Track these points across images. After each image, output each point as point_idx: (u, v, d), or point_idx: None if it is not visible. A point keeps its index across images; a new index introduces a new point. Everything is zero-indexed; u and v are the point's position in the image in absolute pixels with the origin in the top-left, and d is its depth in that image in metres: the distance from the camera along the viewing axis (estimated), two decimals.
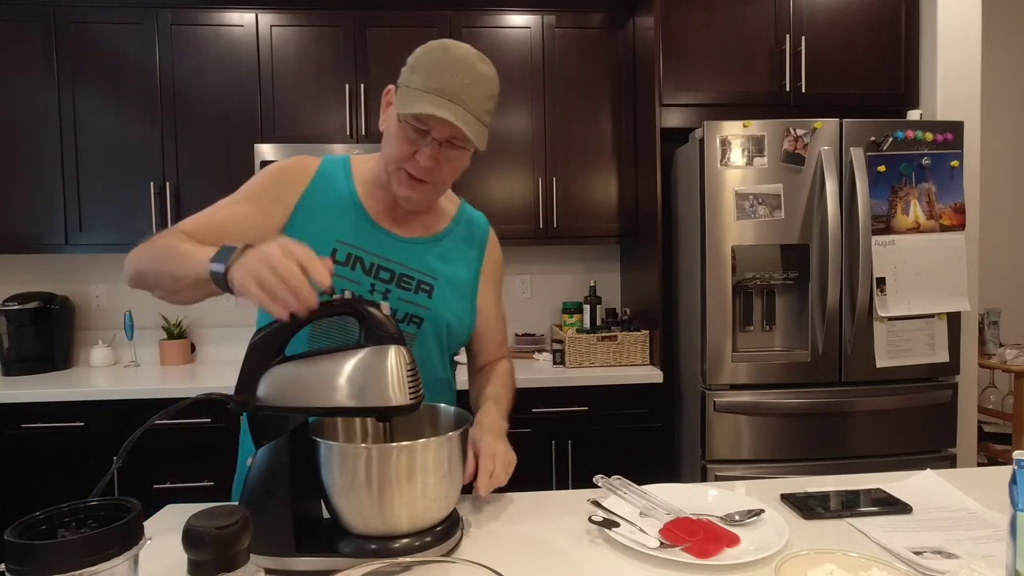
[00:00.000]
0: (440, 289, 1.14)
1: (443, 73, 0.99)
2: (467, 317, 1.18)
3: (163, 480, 2.34)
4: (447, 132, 1.00)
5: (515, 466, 1.07)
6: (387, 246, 1.12)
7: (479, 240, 1.24)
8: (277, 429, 0.84)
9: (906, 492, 1.05)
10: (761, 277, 2.25)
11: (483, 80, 1.01)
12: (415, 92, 0.99)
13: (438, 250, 1.17)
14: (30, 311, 2.67)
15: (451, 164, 1.06)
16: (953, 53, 2.46)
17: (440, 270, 1.15)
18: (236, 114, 2.61)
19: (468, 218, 1.24)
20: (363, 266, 1.10)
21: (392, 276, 1.11)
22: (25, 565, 0.58)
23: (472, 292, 1.20)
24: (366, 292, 1.08)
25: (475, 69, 1.00)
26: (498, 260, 1.27)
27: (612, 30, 2.73)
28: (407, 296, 1.11)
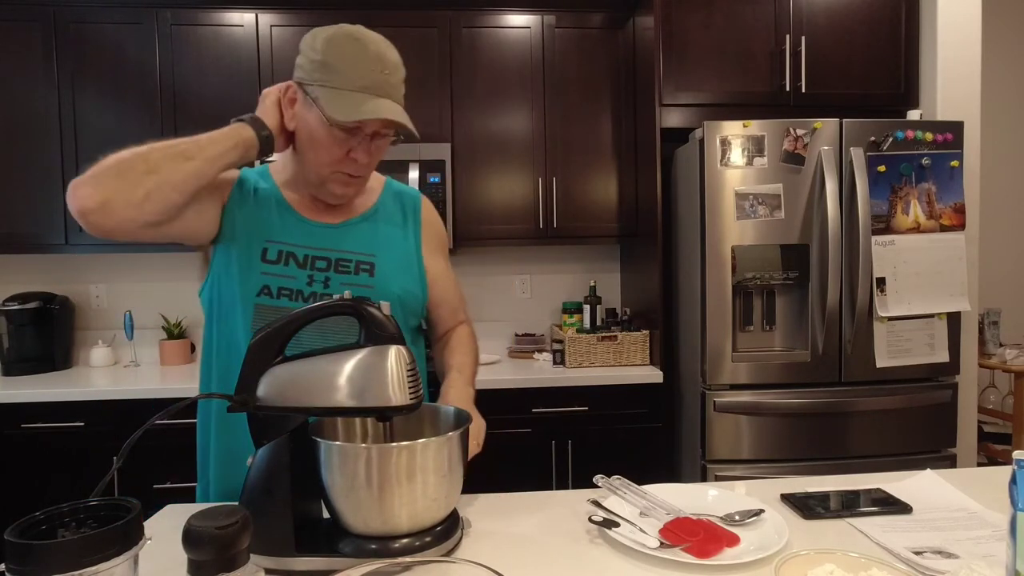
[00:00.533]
0: (381, 264, 1.13)
1: (363, 68, 1.00)
2: (415, 286, 1.18)
3: (163, 480, 2.34)
4: (377, 126, 1.03)
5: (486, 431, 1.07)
6: (317, 235, 1.12)
7: (412, 208, 1.22)
8: (277, 429, 0.84)
9: (906, 492, 1.05)
10: (761, 277, 2.25)
11: (397, 66, 1.04)
12: (342, 93, 0.99)
13: (370, 226, 1.16)
14: (30, 311, 2.67)
15: (379, 152, 1.09)
16: (953, 53, 2.46)
17: (377, 245, 1.14)
18: (236, 114, 2.59)
19: (396, 191, 1.24)
20: (296, 260, 1.09)
21: (329, 263, 1.10)
22: (25, 565, 0.58)
23: (416, 260, 1.19)
24: (304, 285, 1.08)
25: (389, 57, 1.03)
26: (436, 226, 1.26)
27: (612, 30, 2.73)
28: (348, 279, 1.10)
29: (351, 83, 0.99)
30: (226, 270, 1.09)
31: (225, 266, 1.09)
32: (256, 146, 1.04)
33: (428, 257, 1.21)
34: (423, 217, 1.23)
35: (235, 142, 1.02)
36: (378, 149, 1.07)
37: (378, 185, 1.23)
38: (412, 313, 1.19)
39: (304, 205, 1.14)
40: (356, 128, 1.02)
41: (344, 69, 1.00)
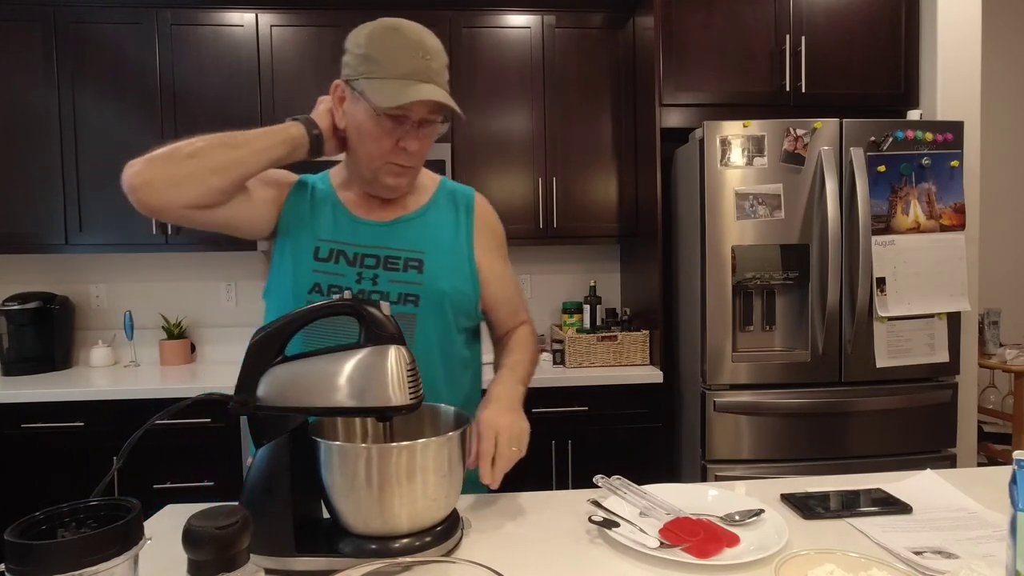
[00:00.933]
0: (430, 262, 1.12)
1: (404, 56, 1.01)
2: (465, 285, 1.15)
3: (163, 480, 2.34)
4: (424, 112, 1.03)
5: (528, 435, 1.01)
6: (368, 234, 1.12)
7: (464, 206, 1.20)
8: (277, 429, 0.84)
9: (906, 492, 1.05)
10: (761, 277, 2.25)
11: (438, 51, 1.04)
12: (385, 82, 1.00)
13: (421, 224, 1.16)
14: (30, 311, 2.67)
15: (429, 139, 1.09)
16: (953, 53, 2.46)
17: (426, 243, 1.14)
18: (236, 114, 2.61)
19: (450, 189, 1.23)
20: (347, 258, 1.10)
21: (378, 261, 1.11)
22: (25, 565, 0.58)
23: (467, 258, 1.17)
24: (353, 282, 1.09)
25: (429, 44, 1.03)
26: (492, 225, 1.24)
27: (612, 30, 2.73)
28: (397, 276, 1.10)
29: (394, 71, 1.00)
30: (280, 268, 1.12)
31: (280, 264, 1.12)
32: (306, 144, 1.06)
33: (481, 255, 1.18)
34: (476, 215, 1.21)
35: (283, 138, 1.04)
36: (427, 137, 1.07)
37: (432, 184, 1.22)
38: (464, 313, 1.16)
39: (357, 204, 1.15)
40: (403, 116, 1.02)
41: (386, 59, 1.01)
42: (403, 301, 1.09)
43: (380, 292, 1.09)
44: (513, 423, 1.01)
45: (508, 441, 0.97)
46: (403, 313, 1.08)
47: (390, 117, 1.02)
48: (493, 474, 0.96)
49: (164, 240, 2.61)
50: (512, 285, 1.25)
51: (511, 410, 1.04)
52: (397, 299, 1.09)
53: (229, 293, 2.98)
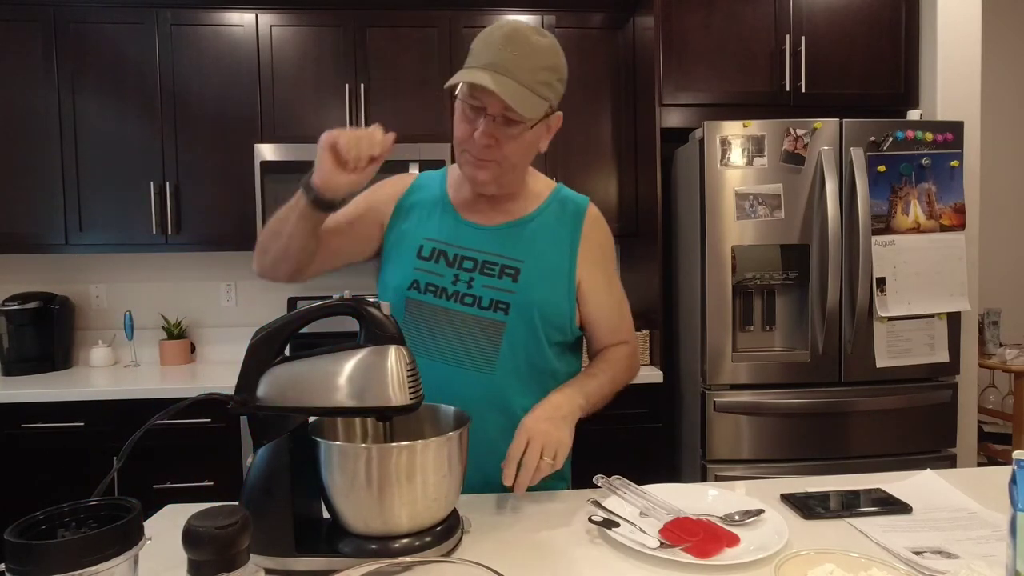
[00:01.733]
0: (527, 272, 1.10)
1: (491, 48, 1.00)
2: (561, 299, 1.12)
3: (163, 480, 2.34)
4: (500, 107, 1.00)
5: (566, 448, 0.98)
6: (471, 236, 1.13)
7: (572, 219, 1.16)
8: (277, 429, 0.84)
9: (906, 492, 1.04)
10: (761, 277, 2.25)
11: (534, 50, 1.00)
12: (465, 70, 1.01)
13: (524, 232, 1.13)
14: (30, 311, 2.67)
15: (513, 142, 1.04)
16: (953, 53, 2.46)
17: (527, 252, 1.11)
18: (236, 114, 2.61)
19: (563, 199, 1.19)
20: (447, 259, 1.11)
21: (475, 264, 1.11)
22: (25, 565, 0.58)
23: (566, 273, 1.13)
24: (449, 283, 1.10)
25: (525, 40, 1.00)
26: (601, 241, 1.19)
27: (612, 30, 2.73)
28: (491, 282, 1.09)
29: (476, 61, 1.01)
30: (387, 264, 1.16)
31: (387, 260, 1.16)
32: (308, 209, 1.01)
33: (583, 270, 1.14)
34: (585, 227, 1.16)
35: (299, 213, 1.02)
36: (508, 138, 1.03)
37: (545, 190, 1.20)
38: (555, 327, 1.13)
39: (466, 206, 1.16)
40: (481, 107, 1.01)
41: (476, 50, 1.02)
42: (494, 308, 1.09)
43: (473, 296, 1.09)
44: (551, 431, 0.98)
45: (538, 448, 0.96)
46: (493, 320, 1.08)
47: (471, 107, 1.02)
48: (517, 480, 0.95)
49: (164, 240, 2.61)
50: (615, 303, 1.21)
51: (556, 419, 1.01)
52: (488, 305, 1.09)
53: (229, 293, 2.98)
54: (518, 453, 0.96)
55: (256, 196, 2.52)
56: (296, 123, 2.63)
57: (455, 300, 1.09)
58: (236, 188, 2.61)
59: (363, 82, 2.63)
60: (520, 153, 1.07)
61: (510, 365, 1.09)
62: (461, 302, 1.09)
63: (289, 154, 2.53)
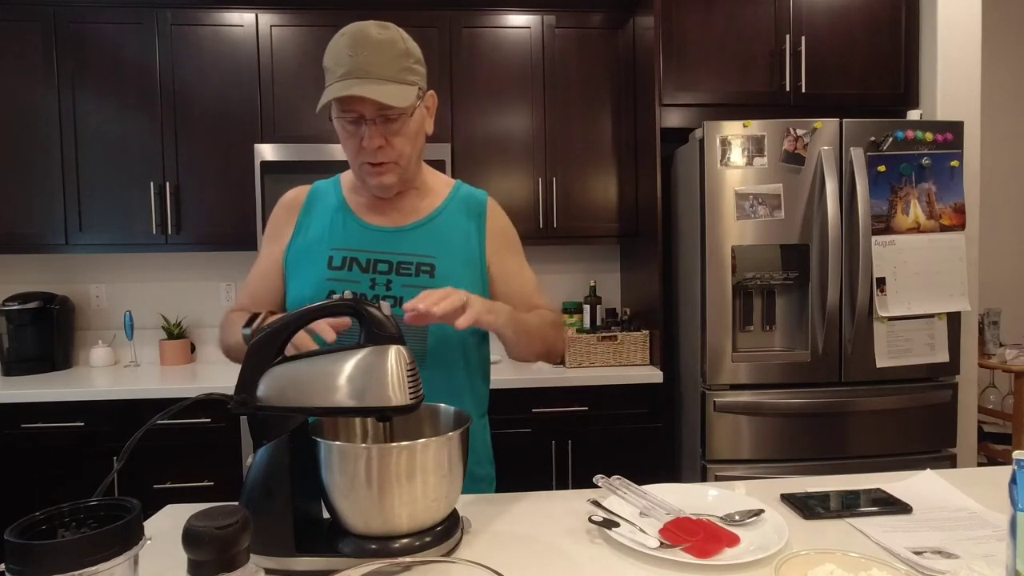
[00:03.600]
0: (442, 266, 1.14)
1: (342, 58, 1.02)
2: (476, 288, 1.15)
3: (163, 480, 2.34)
4: (373, 109, 1.03)
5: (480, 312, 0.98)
6: (379, 240, 1.14)
7: (476, 210, 1.21)
8: (277, 429, 0.84)
9: (906, 492, 1.05)
10: (761, 277, 2.25)
11: (379, 44, 1.03)
12: (328, 89, 1.03)
13: (432, 229, 1.17)
14: (30, 311, 2.67)
15: (401, 136, 1.07)
16: (953, 53, 2.46)
17: (438, 247, 1.15)
18: (236, 114, 2.61)
19: (465, 193, 1.24)
20: (360, 265, 1.12)
21: (390, 267, 1.12)
22: (25, 565, 0.58)
23: (478, 259, 1.18)
24: (367, 288, 1.10)
25: (370, 39, 1.02)
26: (504, 227, 1.24)
27: (612, 30, 2.73)
28: (409, 281, 1.12)
29: (335, 75, 1.03)
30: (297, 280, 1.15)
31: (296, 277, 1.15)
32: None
33: (492, 257, 1.20)
34: (488, 217, 1.22)
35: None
36: (394, 134, 1.06)
37: (445, 188, 1.23)
38: None
39: (367, 210, 1.17)
40: (357, 117, 1.04)
41: (330, 65, 1.04)
42: None
43: (394, 297, 1.11)
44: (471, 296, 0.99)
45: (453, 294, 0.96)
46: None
47: (349, 121, 1.05)
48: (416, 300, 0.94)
49: (164, 240, 2.61)
50: (526, 281, 1.24)
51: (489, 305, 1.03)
52: None
53: (229, 293, 2.98)
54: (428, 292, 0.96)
55: (256, 196, 2.52)
56: (296, 123, 2.63)
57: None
58: (236, 188, 2.61)
59: None
60: (411, 143, 1.10)
61: (438, 357, 1.13)
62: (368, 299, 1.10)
63: (289, 154, 2.53)
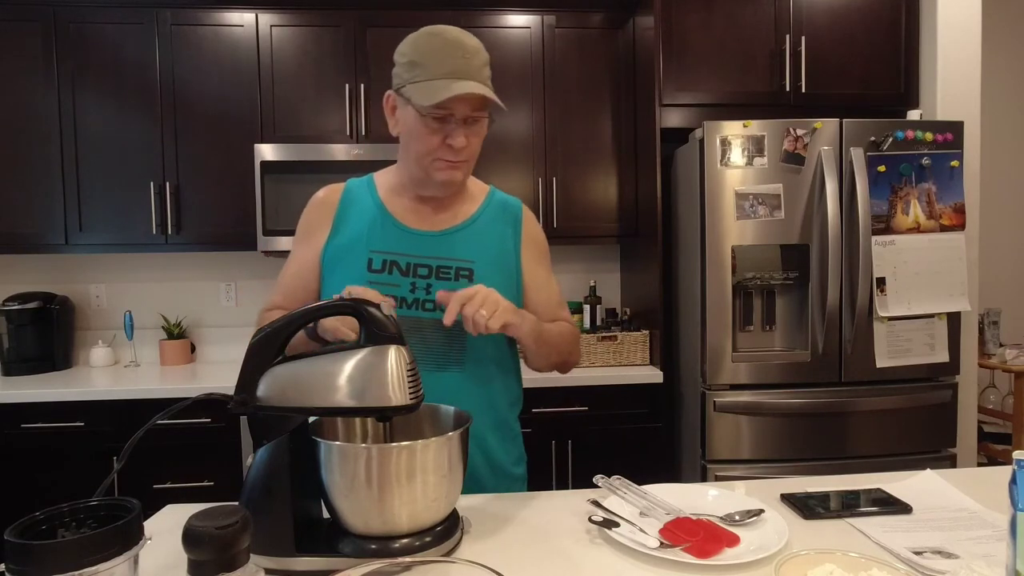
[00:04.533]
0: (480, 270, 1.16)
1: (444, 57, 1.06)
2: (511, 291, 1.17)
3: (163, 480, 2.34)
4: (467, 108, 1.07)
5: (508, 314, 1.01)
6: (419, 244, 1.16)
7: (512, 217, 1.25)
8: (277, 429, 0.84)
9: (906, 492, 1.05)
10: (761, 277, 2.25)
11: (476, 50, 1.09)
12: (428, 84, 1.05)
13: (470, 234, 1.19)
14: (30, 311, 2.67)
15: (477, 136, 1.12)
16: (953, 53, 2.46)
17: (476, 252, 1.17)
18: (236, 114, 2.61)
19: (500, 200, 1.27)
20: (400, 268, 1.14)
21: (430, 271, 1.15)
22: (25, 565, 0.58)
23: (514, 266, 1.21)
24: (407, 292, 1.13)
25: (467, 44, 1.08)
26: (536, 236, 1.27)
27: (612, 30, 2.73)
28: (449, 285, 1.13)
29: (435, 72, 1.05)
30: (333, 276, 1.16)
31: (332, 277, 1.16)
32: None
33: (526, 264, 1.23)
34: (523, 225, 1.25)
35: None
36: (474, 134, 1.11)
37: (481, 194, 1.25)
38: None
39: (407, 213, 1.18)
40: (447, 115, 1.07)
41: (428, 62, 1.06)
42: None
43: (433, 301, 1.13)
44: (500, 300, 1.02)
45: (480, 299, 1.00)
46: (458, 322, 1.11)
47: (435, 118, 1.07)
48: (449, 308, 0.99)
49: (164, 240, 2.61)
50: (553, 293, 1.27)
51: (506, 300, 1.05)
52: None
53: (229, 293, 2.98)
54: (464, 296, 1.00)
55: (256, 196, 2.52)
56: (296, 123, 2.63)
57: (416, 308, 1.13)
58: (236, 188, 2.61)
59: (363, 82, 2.63)
60: (479, 146, 1.15)
61: (474, 360, 1.15)
62: (422, 308, 1.13)
63: (289, 154, 2.53)
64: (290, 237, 2.52)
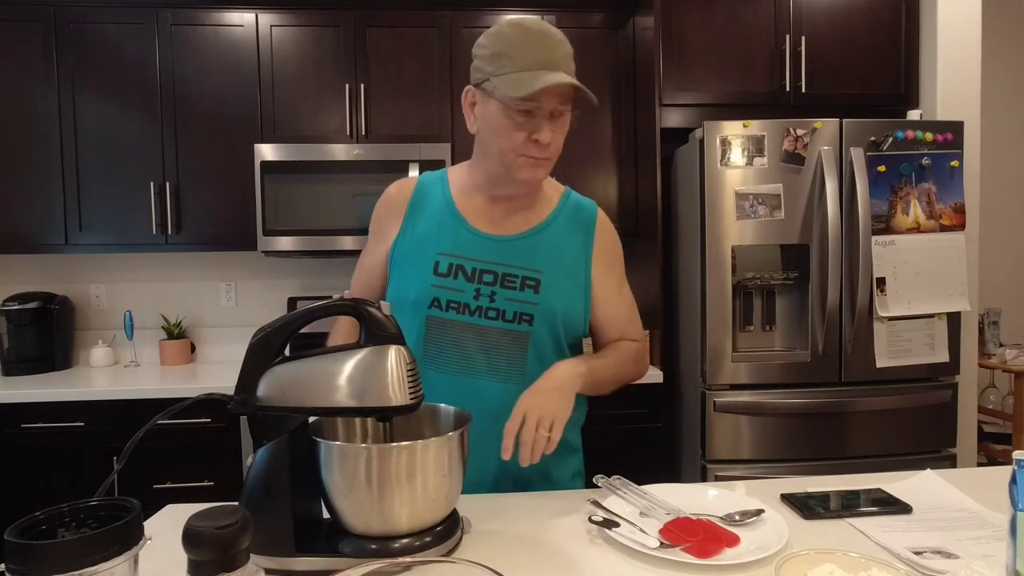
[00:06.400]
0: (547, 281, 1.12)
1: (530, 48, 1.01)
2: (579, 305, 1.15)
3: (163, 480, 2.34)
4: (554, 102, 1.02)
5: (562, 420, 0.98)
6: (487, 249, 1.12)
7: (586, 223, 1.19)
8: (277, 429, 0.84)
9: (906, 492, 1.04)
10: (761, 277, 2.25)
11: (562, 41, 1.03)
12: (515, 76, 1.00)
13: (541, 240, 1.15)
14: (30, 311, 2.67)
15: (562, 132, 1.07)
16: (953, 53, 2.46)
17: (544, 261, 1.13)
18: (236, 114, 2.61)
19: (574, 203, 1.21)
20: (465, 273, 1.10)
21: (496, 278, 1.11)
22: (25, 565, 0.58)
23: (583, 276, 1.16)
24: (470, 298, 1.09)
25: (553, 34, 1.03)
26: (611, 245, 1.22)
27: (612, 30, 2.73)
28: (514, 295, 1.10)
29: (522, 64, 1.00)
30: (401, 280, 1.14)
31: (400, 276, 1.14)
32: None
33: (597, 275, 1.18)
34: (597, 233, 1.20)
35: None
36: (560, 128, 1.06)
37: (555, 195, 1.21)
38: (573, 332, 1.16)
39: (477, 215, 1.14)
40: (534, 107, 1.01)
41: (513, 53, 1.01)
42: (518, 320, 1.10)
43: (497, 309, 1.10)
44: (547, 404, 0.99)
45: (534, 422, 0.97)
46: (517, 331, 1.10)
47: (521, 112, 1.01)
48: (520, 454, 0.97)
49: (164, 240, 2.61)
50: (624, 305, 1.23)
51: (552, 390, 1.02)
52: (512, 317, 1.10)
53: (229, 293, 2.98)
54: (514, 427, 0.97)
55: (256, 196, 2.52)
56: (296, 123, 2.63)
57: (479, 315, 1.10)
58: (236, 188, 2.61)
59: (363, 82, 2.63)
60: (562, 143, 1.09)
61: (536, 371, 1.09)
62: (485, 316, 1.10)
63: (289, 154, 2.53)
64: (290, 237, 2.52)
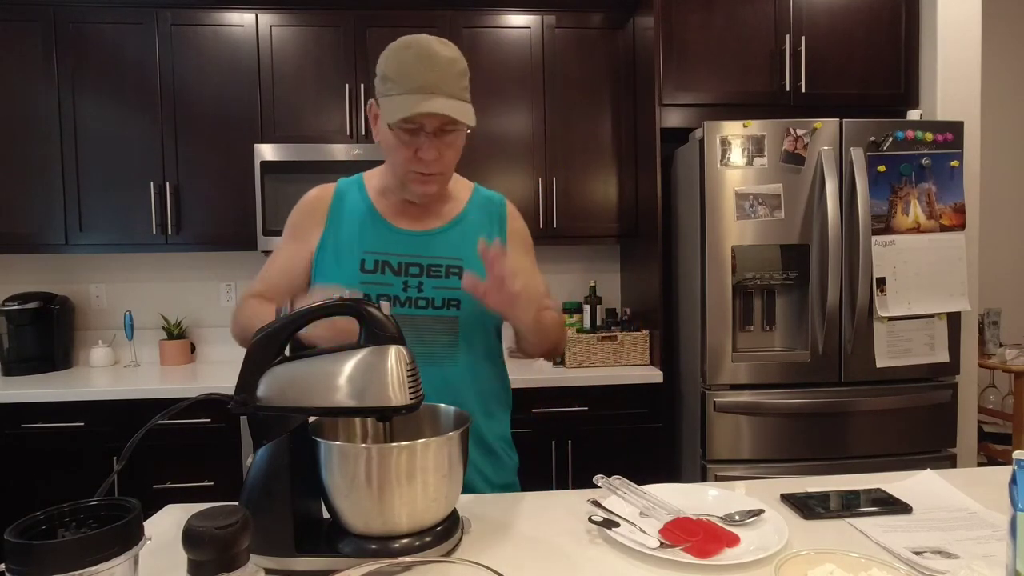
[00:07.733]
0: (470, 267, 1.18)
1: (412, 71, 1.06)
2: None
3: (163, 480, 2.34)
4: (436, 122, 1.08)
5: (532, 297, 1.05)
6: (410, 244, 1.19)
7: (497, 214, 1.28)
8: (277, 429, 0.84)
9: (906, 492, 1.04)
10: (761, 277, 2.25)
11: (448, 62, 1.08)
12: (396, 99, 1.06)
13: (458, 232, 1.22)
14: (30, 311, 2.67)
15: (451, 148, 1.14)
16: (953, 53, 2.46)
17: (465, 250, 1.20)
18: (236, 114, 2.61)
19: (484, 198, 1.30)
20: (392, 268, 1.17)
21: (421, 269, 1.17)
22: (25, 565, 0.58)
23: None
24: (399, 290, 1.15)
25: (438, 56, 1.07)
26: (521, 230, 1.31)
27: (612, 30, 2.73)
28: (440, 283, 1.17)
29: (404, 87, 1.06)
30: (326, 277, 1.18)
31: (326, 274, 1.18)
32: None
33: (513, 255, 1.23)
34: (508, 220, 1.29)
35: None
36: (448, 146, 1.12)
37: (466, 192, 1.29)
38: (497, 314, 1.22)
39: (395, 214, 1.21)
40: (418, 128, 1.08)
41: (397, 77, 1.07)
42: (447, 306, 1.17)
43: (426, 298, 1.16)
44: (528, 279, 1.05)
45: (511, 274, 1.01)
46: (447, 317, 1.16)
47: (407, 131, 1.08)
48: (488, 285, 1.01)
49: (164, 240, 2.61)
50: (538, 283, 1.30)
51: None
52: (441, 304, 1.17)
53: (229, 293, 2.98)
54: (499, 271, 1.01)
55: (256, 196, 2.52)
56: (296, 123, 2.63)
57: (409, 305, 1.16)
58: (236, 188, 2.61)
59: (363, 82, 2.63)
60: (456, 157, 1.17)
61: (467, 355, 1.18)
62: (415, 306, 1.16)
63: (289, 154, 2.53)
64: None
